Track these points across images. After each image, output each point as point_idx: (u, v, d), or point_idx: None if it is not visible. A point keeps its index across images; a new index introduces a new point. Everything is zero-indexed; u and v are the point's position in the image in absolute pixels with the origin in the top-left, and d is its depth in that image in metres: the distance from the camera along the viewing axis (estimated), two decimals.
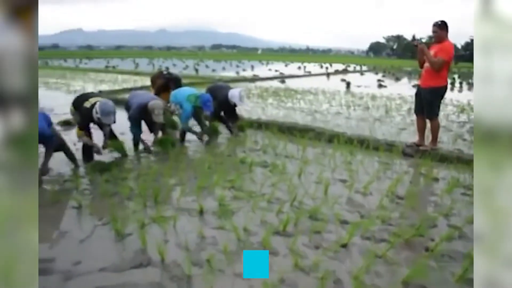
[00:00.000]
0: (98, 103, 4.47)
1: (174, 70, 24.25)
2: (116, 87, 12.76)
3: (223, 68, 29.34)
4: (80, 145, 4.86)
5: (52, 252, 2.71)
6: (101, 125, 4.76)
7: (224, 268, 2.54)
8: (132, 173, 4.37)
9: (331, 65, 38.32)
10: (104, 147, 4.83)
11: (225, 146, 5.77)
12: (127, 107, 5.37)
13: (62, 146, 4.46)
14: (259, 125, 6.83)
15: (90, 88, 12.71)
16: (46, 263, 2.56)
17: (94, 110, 4.44)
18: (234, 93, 6.23)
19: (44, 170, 4.00)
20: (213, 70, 25.95)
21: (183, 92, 5.87)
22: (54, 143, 4.14)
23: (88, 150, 4.74)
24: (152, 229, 3.04)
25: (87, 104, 4.55)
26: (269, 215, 3.32)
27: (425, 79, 5.23)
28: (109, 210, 3.33)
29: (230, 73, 23.19)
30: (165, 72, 7.81)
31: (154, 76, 7.70)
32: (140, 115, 5.11)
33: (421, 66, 5.33)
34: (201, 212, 3.35)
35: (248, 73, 22.95)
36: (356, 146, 5.66)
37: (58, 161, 4.53)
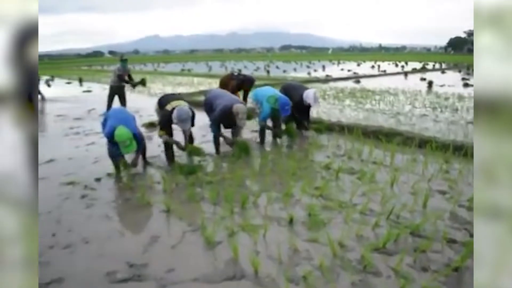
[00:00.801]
0: (176, 109, 4.57)
1: (245, 72, 24.71)
2: (193, 90, 13.17)
3: (294, 69, 29.10)
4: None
5: (145, 258, 2.71)
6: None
7: (322, 287, 2.34)
8: (217, 176, 4.34)
9: (406, 64, 36.16)
10: (183, 149, 4.94)
11: (307, 150, 5.55)
12: (208, 107, 5.39)
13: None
14: (341, 128, 6.50)
15: (169, 90, 13.28)
16: (140, 269, 2.57)
17: (173, 114, 4.56)
18: (309, 93, 6.11)
19: (134, 163, 4.49)
20: (284, 71, 25.85)
21: (265, 92, 5.84)
22: (143, 141, 4.61)
23: (170, 151, 4.89)
24: (241, 237, 2.94)
25: (168, 107, 4.69)
26: (364, 229, 3.05)
27: None
28: (197, 215, 3.30)
29: (302, 74, 22.88)
30: (235, 74, 7.75)
31: (225, 77, 7.71)
32: (222, 117, 5.12)
33: None
34: (290, 221, 3.18)
35: (320, 74, 22.47)
36: (452, 152, 5.10)
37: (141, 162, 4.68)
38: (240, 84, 7.19)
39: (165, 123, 4.73)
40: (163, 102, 4.95)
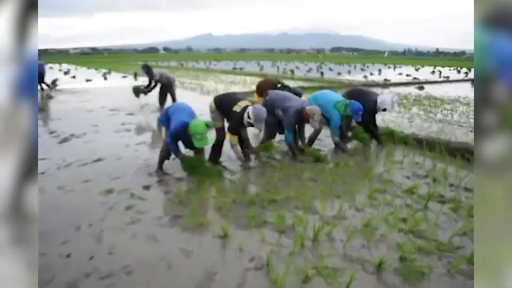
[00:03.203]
0: (251, 108, 4.24)
1: (297, 73, 23.94)
2: (246, 89, 12.69)
3: (349, 72, 27.86)
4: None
5: None
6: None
7: None
8: (281, 195, 3.71)
9: (470, 70, 33.56)
10: (251, 151, 4.83)
11: (382, 166, 4.78)
12: (271, 109, 4.88)
13: None
14: (418, 142, 5.66)
15: (221, 89, 12.90)
16: None
17: (246, 115, 4.23)
18: (385, 99, 5.46)
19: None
20: (339, 74, 24.78)
21: (328, 97, 5.23)
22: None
23: (217, 150, 4.65)
24: (318, 285, 2.30)
25: (237, 108, 4.34)
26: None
27: None
28: (260, 247, 2.71)
29: (357, 77, 21.74)
30: (279, 84, 6.41)
31: (264, 83, 6.53)
32: (296, 120, 4.73)
33: None
34: (379, 266, 2.49)
35: (377, 78, 21.22)
36: None
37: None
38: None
39: (237, 126, 4.38)
40: (224, 103, 4.54)
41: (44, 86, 12.98)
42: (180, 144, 4.29)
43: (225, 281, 2.33)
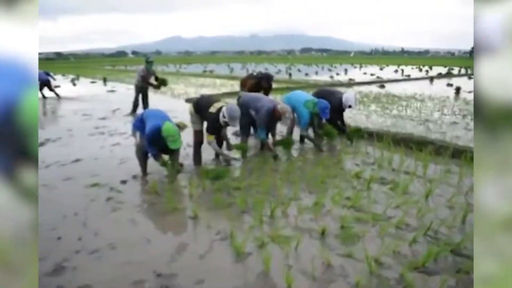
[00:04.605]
0: (224, 108, 4.53)
1: None
2: (216, 91, 13.14)
3: (316, 73, 28.83)
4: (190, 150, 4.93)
5: (173, 267, 2.61)
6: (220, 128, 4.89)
7: None
8: (244, 182, 4.22)
9: (431, 68, 35.33)
10: (229, 149, 5.03)
11: (336, 157, 5.38)
12: (245, 110, 5.18)
13: None
14: (369, 134, 6.31)
15: (192, 92, 13.29)
16: (168, 279, 2.48)
17: (221, 114, 4.51)
18: (349, 96, 6.04)
19: (179, 164, 4.60)
20: (306, 74, 25.64)
21: (299, 97, 5.76)
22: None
23: (199, 154, 4.92)
24: (271, 249, 2.82)
25: (213, 109, 4.62)
26: (401, 245, 2.88)
27: None
28: (225, 223, 3.20)
29: (324, 77, 22.63)
30: (254, 74, 7.40)
31: (244, 78, 7.54)
32: (268, 118, 5.06)
33: None
34: (322, 233, 3.04)
35: (343, 77, 22.17)
36: None
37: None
38: (258, 82, 6.99)
39: (214, 126, 4.66)
40: (201, 105, 4.85)
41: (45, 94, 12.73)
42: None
43: (195, 250, 2.82)
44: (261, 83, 6.91)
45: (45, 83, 12.48)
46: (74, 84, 18.35)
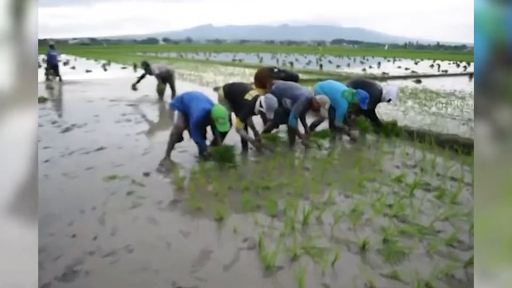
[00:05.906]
0: (263, 97, 4.50)
1: (296, 65, 24.01)
2: (245, 81, 12.82)
3: (348, 65, 27.94)
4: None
5: (194, 278, 2.33)
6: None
7: None
8: (274, 182, 3.89)
9: (469, 64, 33.59)
10: (259, 140, 4.94)
11: (374, 156, 4.96)
12: (278, 99, 4.81)
13: None
14: (409, 133, 5.83)
15: (220, 80, 13.03)
16: None
17: (258, 103, 4.48)
18: (391, 90, 5.78)
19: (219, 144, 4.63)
20: (338, 66, 24.87)
21: (335, 87, 5.47)
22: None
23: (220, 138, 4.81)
24: (305, 263, 2.49)
25: (248, 97, 4.57)
26: (455, 267, 2.49)
27: None
28: (253, 229, 2.90)
29: (356, 70, 21.85)
30: (275, 69, 6.42)
31: (261, 72, 6.35)
32: (305, 108, 4.97)
33: None
34: (363, 247, 2.68)
35: (376, 71, 21.33)
36: None
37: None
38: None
39: (248, 113, 4.63)
40: (232, 91, 4.81)
41: (50, 77, 13.06)
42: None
43: (220, 259, 2.53)
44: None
45: (53, 66, 12.71)
46: (105, 70, 18.49)
